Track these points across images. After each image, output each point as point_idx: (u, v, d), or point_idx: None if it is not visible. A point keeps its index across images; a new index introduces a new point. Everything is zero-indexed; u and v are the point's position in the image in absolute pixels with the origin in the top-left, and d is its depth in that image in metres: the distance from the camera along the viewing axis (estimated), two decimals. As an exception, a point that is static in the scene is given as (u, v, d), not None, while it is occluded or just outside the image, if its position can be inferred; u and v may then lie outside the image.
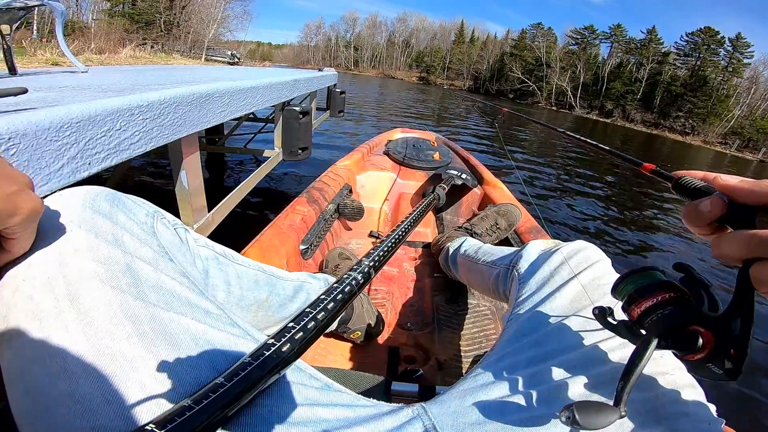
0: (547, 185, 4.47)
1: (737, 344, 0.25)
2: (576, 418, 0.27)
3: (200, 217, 0.81)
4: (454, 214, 1.68)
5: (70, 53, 1.43)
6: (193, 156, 0.74)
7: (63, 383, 0.27)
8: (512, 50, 46.49)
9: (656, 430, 0.35)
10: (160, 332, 0.31)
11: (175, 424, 0.24)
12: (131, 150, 0.53)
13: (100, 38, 12.63)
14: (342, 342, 0.94)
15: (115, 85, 0.74)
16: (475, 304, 1.16)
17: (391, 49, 60.33)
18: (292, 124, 1.32)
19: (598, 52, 42.36)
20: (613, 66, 39.97)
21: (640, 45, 38.62)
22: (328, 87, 2.38)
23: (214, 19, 23.84)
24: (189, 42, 22.96)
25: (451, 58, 54.43)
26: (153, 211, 0.42)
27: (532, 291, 0.56)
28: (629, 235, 3.30)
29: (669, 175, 0.34)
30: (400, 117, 8.09)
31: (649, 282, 0.33)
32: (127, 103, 0.50)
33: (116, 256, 0.33)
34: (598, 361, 0.40)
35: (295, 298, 0.64)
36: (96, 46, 11.67)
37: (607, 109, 38.33)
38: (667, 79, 36.03)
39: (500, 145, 5.95)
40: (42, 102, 0.47)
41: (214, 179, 3.02)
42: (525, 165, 5.35)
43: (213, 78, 1.03)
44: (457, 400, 0.41)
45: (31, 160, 0.39)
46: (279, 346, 0.33)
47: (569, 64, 41.60)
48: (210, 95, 0.71)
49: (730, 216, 0.25)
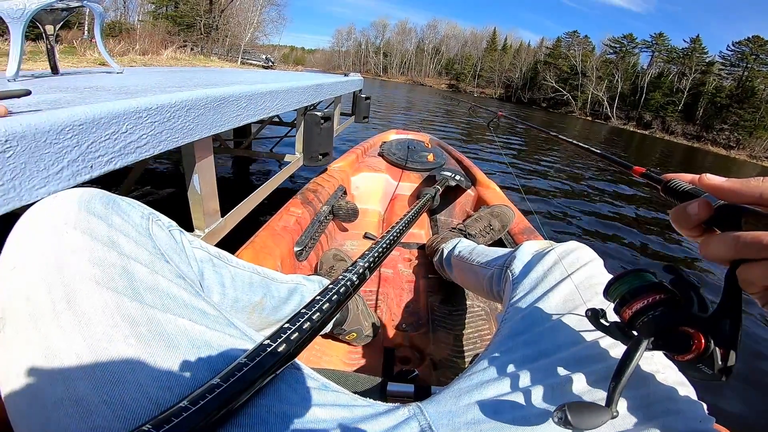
0: (540, 187, 4.50)
1: (726, 344, 0.26)
2: (568, 419, 0.27)
3: (212, 221, 0.80)
4: (448, 216, 1.68)
5: (106, 54, 1.47)
6: (206, 160, 0.73)
7: (60, 385, 0.27)
8: (546, 58, 45.45)
9: (648, 428, 0.35)
10: (157, 333, 0.31)
11: (171, 424, 0.24)
12: (137, 153, 0.51)
13: (144, 40, 13.30)
14: (337, 343, 0.94)
15: (137, 86, 0.74)
16: (470, 305, 1.16)
17: (420, 55, 60.30)
18: (314, 129, 1.31)
19: (637, 61, 40.77)
20: (653, 76, 38.31)
21: (682, 54, 36.85)
22: (354, 92, 2.37)
23: (251, 23, 24.64)
24: (227, 45, 23.81)
25: (482, 65, 53.78)
26: (148, 213, 0.42)
27: (525, 291, 0.56)
28: (621, 237, 3.32)
29: (658, 178, 0.34)
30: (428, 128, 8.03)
31: (640, 284, 0.34)
32: (135, 105, 0.49)
33: (112, 258, 0.33)
34: (592, 360, 0.41)
35: (290, 300, 0.65)
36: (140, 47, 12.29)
37: (645, 120, 36.72)
38: (711, 90, 34.18)
39: (495, 148, 6.09)
40: (55, 104, 0.47)
41: (241, 180, 3.08)
42: (519, 167, 5.40)
43: (239, 81, 1.03)
44: (452, 400, 0.42)
45: (29, 162, 0.38)
46: (275, 346, 0.33)
47: (606, 74, 40.18)
48: (225, 99, 0.70)
49: (716, 218, 0.26)
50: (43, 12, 0.97)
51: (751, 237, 0.22)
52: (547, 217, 3.46)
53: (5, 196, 0.36)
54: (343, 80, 1.94)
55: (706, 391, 1.26)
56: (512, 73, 50.29)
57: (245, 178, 3.15)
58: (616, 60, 40.60)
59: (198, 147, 0.69)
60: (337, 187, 1.48)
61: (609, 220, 3.71)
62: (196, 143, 0.68)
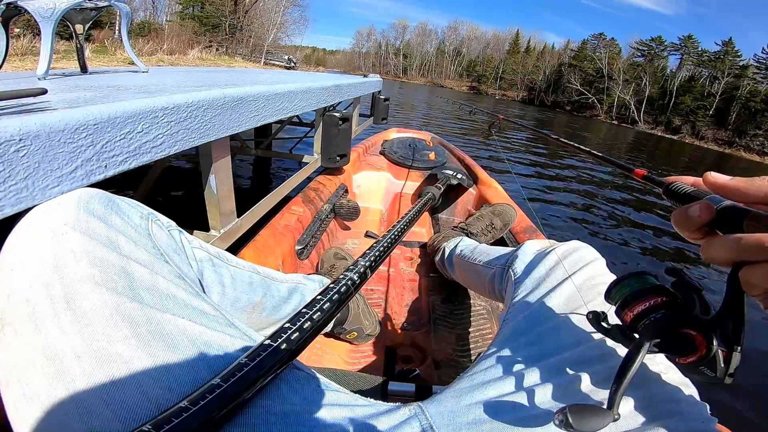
0: (542, 186, 4.48)
1: (729, 346, 0.26)
2: (569, 421, 0.27)
3: (228, 222, 0.80)
4: (449, 214, 1.67)
5: (132, 53, 1.50)
6: (223, 160, 0.73)
7: (60, 385, 0.27)
8: (571, 61, 44.44)
9: (649, 429, 0.35)
10: (157, 334, 0.31)
11: (172, 425, 0.24)
12: (153, 153, 0.51)
13: (171, 39, 13.68)
14: (338, 342, 0.94)
15: (158, 86, 0.74)
16: (471, 304, 1.15)
17: (441, 57, 59.90)
18: (332, 130, 1.30)
19: (666, 64, 39.38)
20: (683, 79, 36.93)
21: (714, 57, 35.36)
22: (373, 93, 2.35)
23: (274, 23, 25.04)
24: (250, 46, 24.27)
25: (505, 67, 53.02)
26: (147, 213, 0.42)
27: (527, 291, 0.56)
28: (623, 238, 3.28)
29: (660, 181, 0.34)
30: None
31: (642, 287, 0.34)
32: (151, 105, 0.49)
33: (111, 259, 0.33)
34: (594, 361, 0.41)
35: (290, 300, 0.65)
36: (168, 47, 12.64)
37: (674, 125, 35.43)
38: (744, 95, 32.64)
39: (513, 145, 6.16)
40: (73, 102, 0.46)
41: (260, 180, 3.11)
42: (521, 167, 5.39)
43: (258, 81, 1.03)
44: (453, 400, 0.42)
45: (42, 162, 0.37)
46: (275, 346, 0.33)
47: (633, 77, 38.95)
48: (242, 99, 0.69)
49: (718, 220, 0.25)
50: (72, 11, 0.99)
51: (752, 239, 0.22)
52: (549, 216, 3.44)
53: (18, 195, 0.36)
54: (361, 81, 1.92)
55: (709, 392, 1.27)
56: (535, 75, 49.39)
57: (265, 178, 3.18)
58: (644, 63, 39.34)
59: (215, 147, 0.69)
60: (338, 185, 1.48)
61: (612, 221, 3.69)
62: (213, 143, 0.67)
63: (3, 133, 0.34)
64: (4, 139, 0.34)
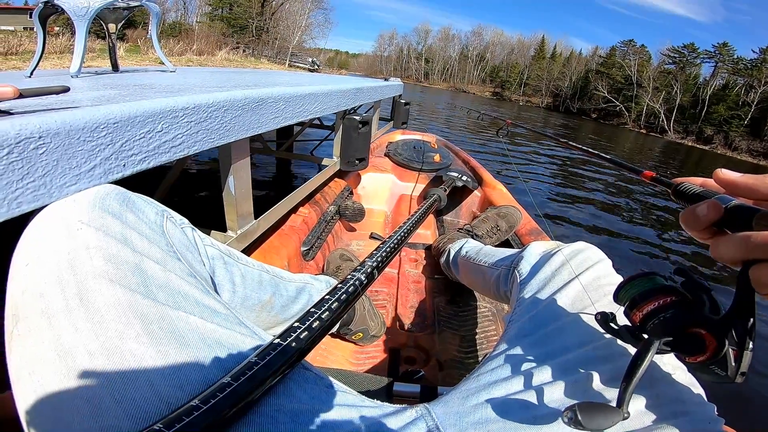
0: (548, 188, 4.44)
1: (739, 345, 0.25)
2: (579, 419, 0.27)
3: (245, 223, 0.79)
4: (454, 216, 1.67)
5: (161, 52, 1.53)
6: (242, 162, 0.72)
7: (72, 383, 0.27)
8: (599, 68, 43.41)
9: (657, 429, 0.35)
10: (169, 331, 0.31)
11: (183, 423, 0.24)
12: (172, 153, 0.50)
13: (200, 40, 14.07)
14: (344, 343, 0.94)
15: (182, 85, 0.75)
16: (476, 306, 1.15)
17: (464, 62, 59.48)
18: (351, 134, 1.29)
19: (698, 72, 37.92)
20: (716, 88, 35.47)
21: (750, 65, 33.84)
22: (393, 97, 2.34)
23: (299, 26, 25.44)
24: (276, 47, 24.73)
25: (529, 73, 52.22)
26: (161, 210, 0.42)
27: (533, 292, 0.56)
28: (630, 239, 3.22)
29: (668, 182, 0.34)
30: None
31: (651, 286, 0.34)
32: (172, 104, 0.48)
33: (125, 256, 0.33)
34: (601, 361, 0.40)
35: (298, 299, 0.65)
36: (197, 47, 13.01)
37: (706, 134, 34.02)
38: (784, 105, 31.15)
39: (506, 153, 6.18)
40: (96, 101, 0.47)
41: (281, 181, 3.14)
42: (527, 169, 5.37)
43: (279, 83, 1.03)
44: (459, 401, 0.42)
45: (61, 159, 0.37)
46: (285, 345, 0.33)
47: (664, 85, 37.68)
48: (263, 100, 0.68)
49: (727, 219, 0.25)
50: (106, 10, 1.02)
51: (762, 237, 0.22)
52: (555, 218, 3.41)
53: (35, 192, 0.36)
54: (382, 85, 1.91)
55: (716, 392, 1.27)
56: (561, 81, 48.45)
57: (284, 180, 3.21)
58: (676, 71, 38.01)
59: (234, 148, 0.69)
60: (343, 187, 1.48)
61: (618, 222, 3.64)
62: (232, 144, 0.67)
63: (23, 130, 0.33)
64: (24, 136, 0.34)
